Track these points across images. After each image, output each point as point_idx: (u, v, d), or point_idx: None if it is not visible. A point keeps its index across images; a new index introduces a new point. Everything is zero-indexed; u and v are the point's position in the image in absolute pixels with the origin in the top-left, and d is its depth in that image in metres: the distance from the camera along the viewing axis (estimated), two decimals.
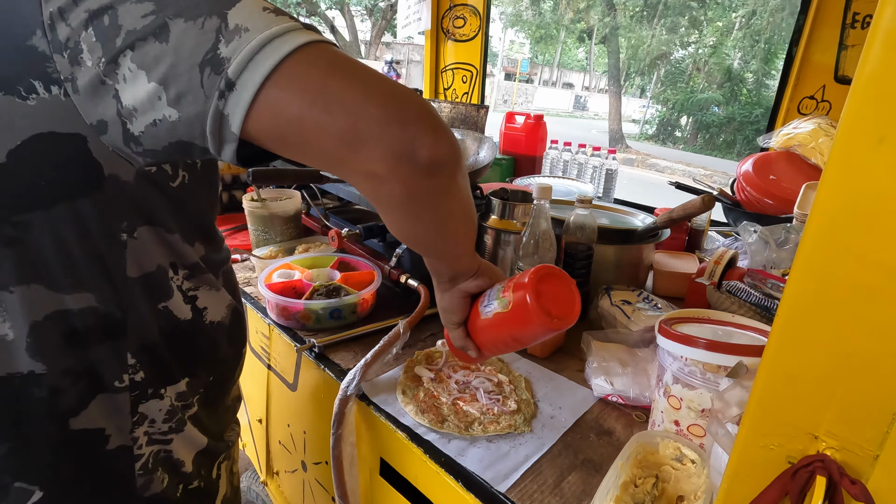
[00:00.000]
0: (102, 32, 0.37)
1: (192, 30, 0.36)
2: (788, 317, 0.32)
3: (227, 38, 0.36)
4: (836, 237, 0.29)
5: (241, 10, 0.37)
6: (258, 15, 0.37)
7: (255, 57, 0.36)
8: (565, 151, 1.84)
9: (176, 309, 0.54)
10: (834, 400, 0.31)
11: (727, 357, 0.59)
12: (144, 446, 0.54)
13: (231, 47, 0.36)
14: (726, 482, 0.38)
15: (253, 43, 0.36)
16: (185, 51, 0.36)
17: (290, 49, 0.36)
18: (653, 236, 1.10)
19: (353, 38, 13.87)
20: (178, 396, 0.57)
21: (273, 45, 0.36)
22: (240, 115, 0.37)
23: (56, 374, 0.48)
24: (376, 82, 0.39)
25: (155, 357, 0.53)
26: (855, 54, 1.41)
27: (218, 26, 0.36)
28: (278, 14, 0.38)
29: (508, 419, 0.71)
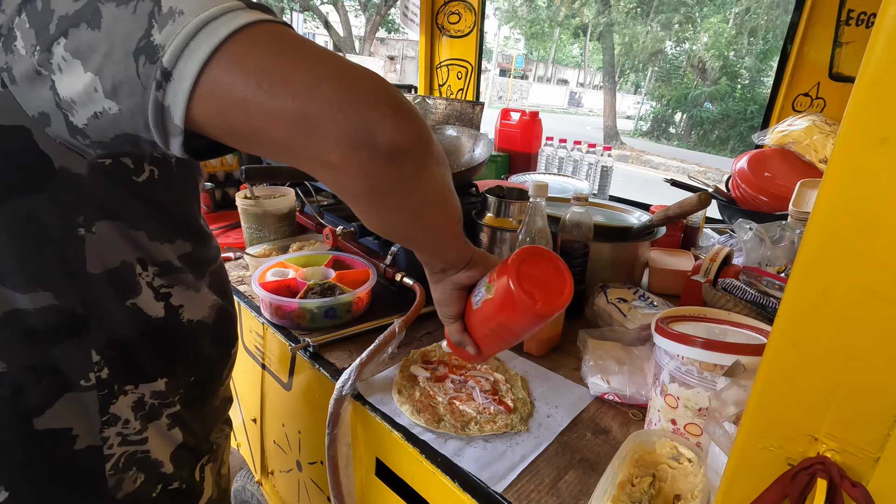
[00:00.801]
0: (35, 18, 0.34)
1: (124, 14, 0.33)
2: (789, 318, 0.32)
3: (160, 22, 0.33)
4: (838, 239, 0.29)
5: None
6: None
7: (191, 43, 0.33)
8: (560, 148, 1.84)
9: (146, 306, 0.52)
10: (834, 402, 0.31)
11: (724, 356, 0.59)
12: (116, 446, 0.53)
13: (165, 33, 0.33)
14: (725, 484, 0.38)
15: (188, 27, 0.33)
16: (118, 38, 0.33)
17: (230, 31, 0.33)
18: (649, 234, 1.10)
19: (347, 33, 13.79)
20: (155, 395, 0.55)
21: (210, 28, 0.33)
22: (181, 105, 0.34)
23: (18, 371, 0.46)
24: (328, 61, 0.35)
25: (124, 354, 0.52)
26: (849, 51, 1.41)
27: (151, 10, 0.33)
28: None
29: (505, 418, 0.70)
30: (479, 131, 1.24)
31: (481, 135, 1.19)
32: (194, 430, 0.61)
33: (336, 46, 14.63)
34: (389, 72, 19.54)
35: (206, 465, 0.65)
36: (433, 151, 0.41)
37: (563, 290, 0.54)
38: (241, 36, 0.34)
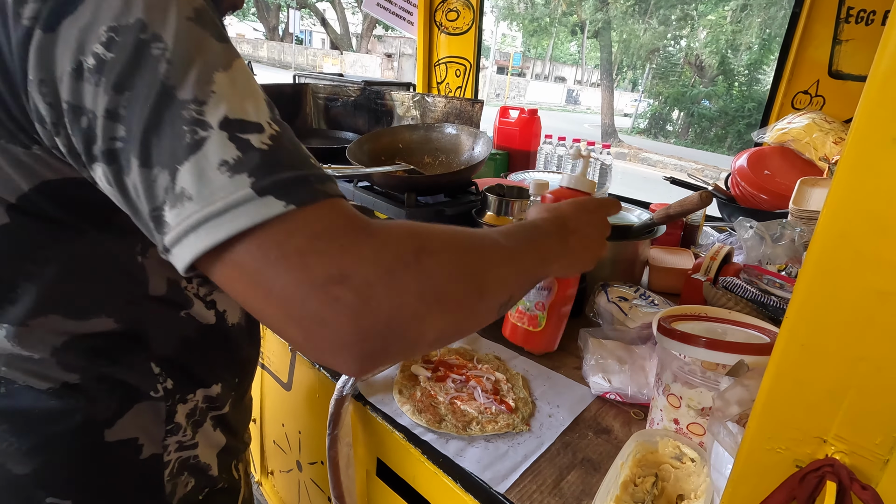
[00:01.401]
0: (80, 133, 0.35)
1: (145, 178, 0.34)
2: (797, 319, 0.31)
3: (171, 202, 0.34)
4: (848, 239, 0.28)
5: (192, 170, 0.33)
6: (207, 178, 0.33)
7: (190, 236, 0.33)
8: (559, 146, 1.83)
9: (199, 315, 0.54)
10: (844, 403, 0.31)
11: (727, 355, 0.59)
12: (173, 453, 0.54)
13: (172, 214, 0.34)
14: (731, 485, 0.38)
15: (191, 220, 0.33)
16: (140, 196, 0.35)
17: (228, 235, 0.33)
18: (649, 232, 1.10)
19: (343, 30, 13.76)
20: (207, 399, 0.57)
21: (211, 226, 0.33)
22: (181, 266, 0.35)
23: (91, 383, 0.48)
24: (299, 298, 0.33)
25: (182, 364, 0.53)
26: (849, 49, 1.41)
27: (167, 185, 0.34)
28: (237, 170, 0.34)
29: (506, 418, 0.70)
30: (479, 129, 1.23)
31: (481, 133, 1.19)
32: (233, 430, 0.62)
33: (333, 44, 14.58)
34: (387, 69, 19.49)
35: (239, 463, 0.66)
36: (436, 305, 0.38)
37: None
38: (237, 244, 0.33)
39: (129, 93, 0.34)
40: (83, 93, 0.34)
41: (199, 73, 0.35)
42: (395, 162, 1.19)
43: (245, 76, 0.38)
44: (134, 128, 0.34)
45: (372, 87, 1.60)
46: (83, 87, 0.34)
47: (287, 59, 20.03)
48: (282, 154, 0.36)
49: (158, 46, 0.34)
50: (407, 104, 1.47)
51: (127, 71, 0.34)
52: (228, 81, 0.36)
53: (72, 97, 0.34)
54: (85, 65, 0.33)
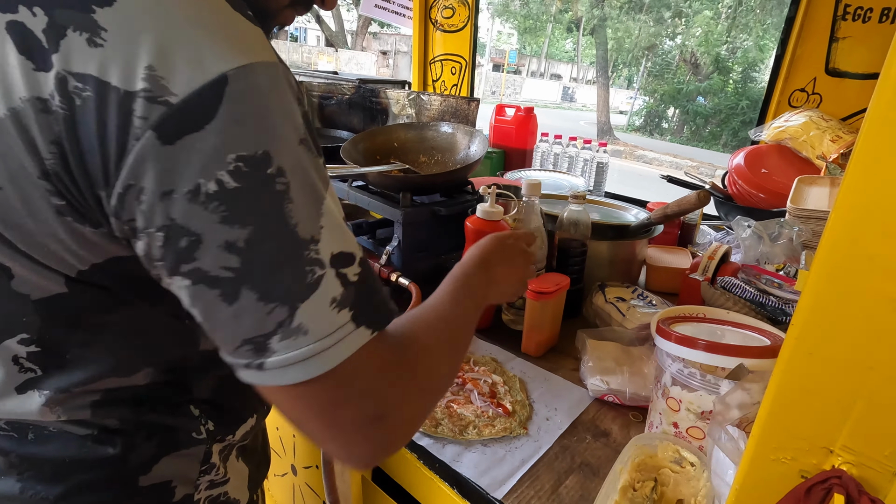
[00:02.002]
0: (172, 250, 0.34)
1: (258, 309, 0.35)
2: (805, 327, 0.30)
3: (284, 334, 0.35)
4: (859, 245, 0.27)
5: (311, 307, 0.35)
6: (323, 315, 0.36)
7: (295, 366, 0.35)
8: (556, 144, 1.82)
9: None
10: (852, 414, 0.30)
11: (727, 358, 0.58)
12: (203, 491, 0.52)
13: (283, 345, 0.35)
14: (734, 495, 0.37)
15: (303, 350, 0.35)
16: (242, 323, 0.35)
17: (329, 367, 0.36)
18: (646, 231, 1.09)
19: (339, 27, 13.68)
20: (244, 436, 0.55)
21: (317, 360, 0.36)
22: (266, 384, 0.37)
23: (130, 428, 0.46)
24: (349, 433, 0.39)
25: (222, 404, 0.52)
26: (846, 46, 1.40)
27: (283, 320, 0.35)
28: (342, 305, 0.37)
29: (503, 422, 0.69)
30: (475, 128, 1.22)
31: (477, 132, 1.18)
32: (254, 455, 0.61)
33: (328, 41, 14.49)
34: (382, 67, 19.41)
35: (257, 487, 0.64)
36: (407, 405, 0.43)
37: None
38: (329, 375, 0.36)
39: (253, 228, 0.34)
40: (194, 216, 0.33)
41: (314, 208, 0.36)
42: (391, 161, 1.17)
43: (333, 194, 0.40)
44: (255, 263, 0.34)
45: (367, 86, 1.58)
46: (196, 210, 0.33)
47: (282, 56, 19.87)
48: (367, 284, 0.39)
49: (282, 182, 0.34)
50: (402, 102, 1.45)
51: (252, 206, 0.34)
52: (329, 209, 0.38)
53: (180, 217, 0.33)
54: (204, 189, 0.32)
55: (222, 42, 0.33)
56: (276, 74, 0.35)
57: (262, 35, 0.36)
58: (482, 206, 0.88)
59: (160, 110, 0.31)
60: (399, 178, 1.02)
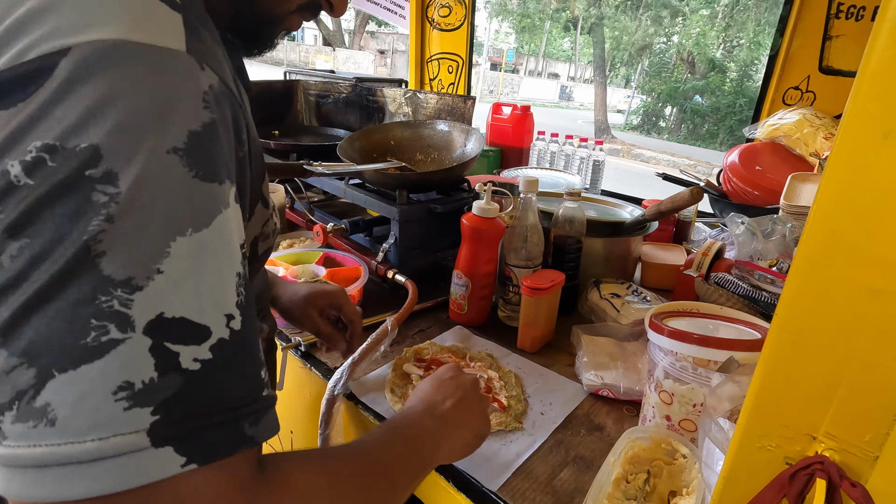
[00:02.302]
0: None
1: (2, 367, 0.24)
2: (787, 317, 0.31)
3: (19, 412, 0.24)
4: (839, 236, 0.28)
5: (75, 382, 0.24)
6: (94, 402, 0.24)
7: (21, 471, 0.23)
8: (552, 143, 1.83)
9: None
10: (834, 401, 0.30)
11: (718, 352, 0.59)
12: None
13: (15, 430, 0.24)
14: (721, 483, 0.38)
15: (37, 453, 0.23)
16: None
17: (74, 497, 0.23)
18: (641, 228, 1.09)
19: (336, 27, 13.67)
20: None
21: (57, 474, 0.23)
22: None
23: None
24: None
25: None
26: (839, 45, 1.42)
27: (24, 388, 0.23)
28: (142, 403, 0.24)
29: (499, 416, 0.70)
30: (471, 126, 1.23)
31: (473, 129, 1.18)
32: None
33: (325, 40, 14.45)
34: (380, 66, 19.39)
35: None
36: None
37: None
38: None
39: (27, 241, 0.24)
40: None
41: (156, 241, 0.25)
42: (387, 159, 1.18)
43: (223, 242, 0.28)
44: (12, 291, 0.24)
45: (363, 84, 1.58)
46: None
47: (279, 55, 19.88)
48: (218, 381, 0.27)
49: (107, 191, 0.24)
50: (399, 101, 1.46)
51: (37, 210, 0.24)
52: (192, 252, 0.26)
53: None
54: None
55: (94, 14, 0.26)
56: (163, 61, 0.27)
57: (178, 20, 0.29)
58: (478, 203, 0.88)
59: None
60: (395, 175, 1.03)
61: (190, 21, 0.30)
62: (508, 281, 0.92)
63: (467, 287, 0.91)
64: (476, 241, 0.89)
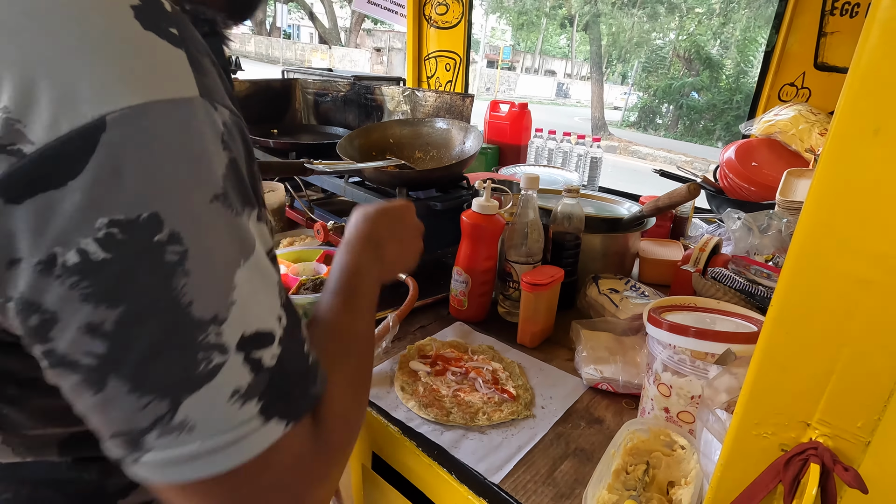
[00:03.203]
0: (26, 325, 0.28)
1: (129, 402, 0.29)
2: (782, 307, 0.32)
3: (162, 430, 0.29)
4: (831, 229, 0.29)
5: (202, 399, 0.29)
6: (218, 409, 0.30)
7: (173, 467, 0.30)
8: (550, 140, 1.84)
9: None
10: (827, 389, 0.32)
11: (715, 344, 0.60)
12: None
13: (161, 442, 0.29)
14: (719, 470, 0.39)
15: (186, 449, 0.29)
16: (110, 414, 0.29)
17: (225, 468, 0.30)
18: (639, 224, 1.11)
19: (332, 24, 13.63)
20: None
21: (207, 460, 0.30)
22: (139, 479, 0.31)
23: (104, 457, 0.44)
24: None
25: None
26: (834, 41, 1.43)
27: (162, 415, 0.29)
28: (249, 397, 0.31)
29: (510, 406, 0.71)
30: (470, 124, 1.24)
31: (471, 127, 1.19)
32: None
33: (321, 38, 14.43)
34: (376, 64, 19.35)
35: None
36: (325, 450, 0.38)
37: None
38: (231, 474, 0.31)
39: (125, 308, 0.27)
40: (47, 291, 0.27)
41: (222, 280, 0.30)
42: (386, 157, 1.18)
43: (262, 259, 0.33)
44: (127, 350, 0.28)
45: (362, 82, 1.59)
46: (49, 285, 0.27)
47: (275, 53, 19.82)
48: (288, 366, 0.34)
49: (175, 251, 0.28)
50: (397, 99, 1.46)
51: (127, 281, 0.27)
52: (248, 277, 0.32)
53: (29, 292, 0.27)
54: (61, 260, 0.26)
55: (111, 75, 0.27)
56: (187, 114, 0.29)
57: (183, 60, 0.30)
58: (478, 200, 0.89)
59: (8, 162, 0.25)
60: (395, 173, 1.04)
61: (192, 55, 0.31)
62: (508, 277, 0.93)
63: (467, 283, 0.92)
64: (476, 238, 0.90)
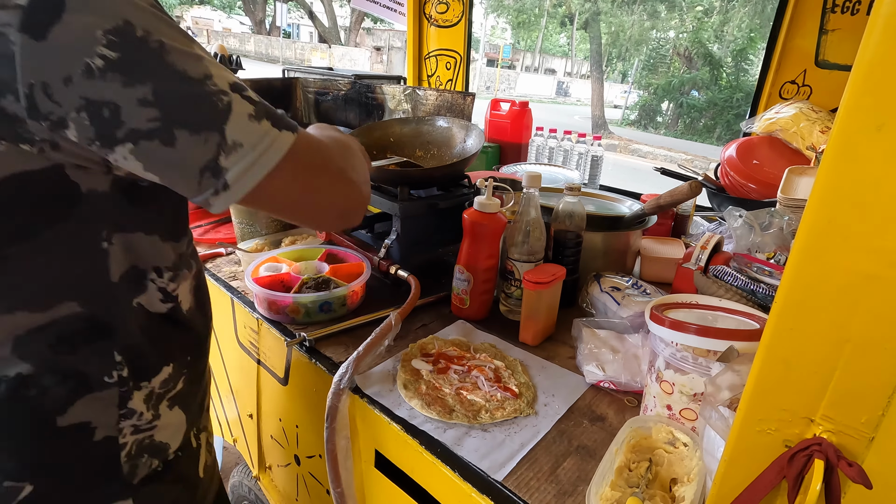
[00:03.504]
0: (100, 122, 0.40)
1: (196, 141, 0.43)
2: (786, 303, 0.32)
3: (226, 152, 0.44)
4: (834, 224, 0.29)
5: (234, 125, 0.44)
6: (247, 128, 0.45)
7: (249, 171, 0.45)
8: (551, 138, 1.84)
9: (150, 305, 0.57)
10: (830, 385, 0.32)
11: (718, 342, 0.60)
12: (129, 435, 0.56)
13: (231, 160, 0.44)
14: (723, 466, 0.39)
15: (248, 158, 0.45)
16: (190, 158, 0.43)
17: (276, 162, 0.46)
18: (640, 223, 1.11)
19: (331, 23, 13.61)
20: (162, 384, 0.59)
21: (263, 160, 0.45)
22: (223, 206, 0.46)
23: (44, 374, 0.49)
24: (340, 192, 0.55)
25: (139, 352, 0.55)
26: (835, 39, 1.43)
27: (219, 141, 0.43)
28: (259, 118, 0.46)
29: (513, 404, 0.71)
30: (471, 122, 1.24)
31: (472, 125, 1.19)
32: (190, 404, 0.65)
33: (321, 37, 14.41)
34: (376, 62, 19.34)
35: (198, 433, 0.68)
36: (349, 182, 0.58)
37: None
38: (282, 166, 0.47)
39: (153, 83, 0.40)
40: (100, 89, 0.39)
41: (191, 55, 0.43)
42: (387, 156, 1.18)
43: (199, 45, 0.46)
44: (171, 107, 0.41)
45: (362, 81, 1.59)
46: (99, 84, 0.39)
47: (275, 53, 19.81)
48: (265, 101, 0.48)
49: (154, 40, 0.41)
50: (398, 98, 1.46)
51: (140, 66, 0.40)
52: (202, 53, 0.44)
53: (91, 94, 0.39)
54: (94, 65, 0.38)
55: None
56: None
57: None
58: (479, 198, 0.89)
59: (17, 14, 0.37)
60: (397, 171, 1.04)
61: None
62: (510, 275, 0.93)
63: (469, 282, 0.92)
64: (477, 237, 0.90)
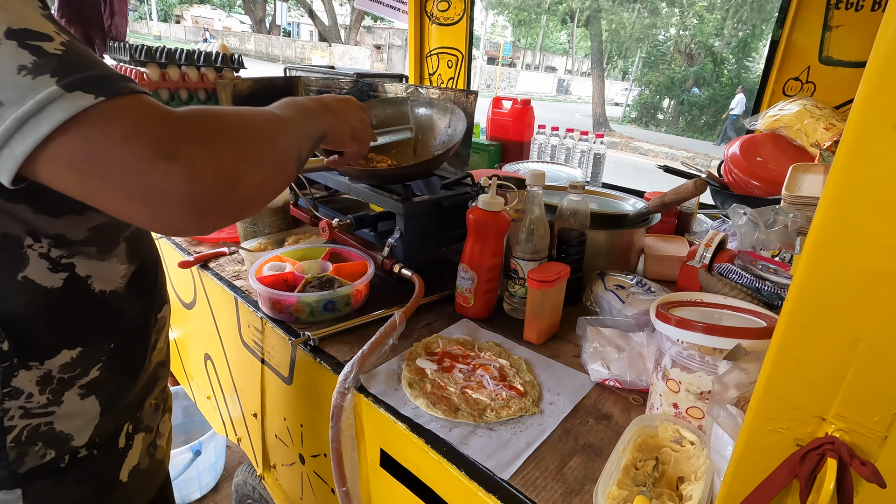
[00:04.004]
0: None
1: None
2: (798, 301, 0.32)
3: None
4: (848, 222, 0.29)
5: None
6: (12, 82, 0.37)
7: (10, 142, 0.37)
8: (553, 136, 1.84)
9: (38, 278, 0.52)
10: (843, 383, 0.31)
11: (725, 340, 0.60)
12: (18, 419, 0.52)
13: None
14: (733, 465, 0.39)
15: (7, 124, 0.36)
16: None
17: (47, 131, 0.37)
18: (644, 221, 1.10)
19: (332, 22, 13.60)
20: (64, 368, 0.55)
21: (28, 127, 0.37)
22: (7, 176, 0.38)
23: None
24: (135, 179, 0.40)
25: (22, 329, 0.51)
26: (839, 35, 1.42)
27: None
28: (36, 72, 0.37)
29: (518, 402, 0.71)
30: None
31: (451, 107, 1.18)
32: (115, 397, 0.61)
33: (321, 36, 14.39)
34: (376, 61, 19.32)
35: (133, 433, 0.64)
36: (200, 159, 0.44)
37: None
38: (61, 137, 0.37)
39: None
40: None
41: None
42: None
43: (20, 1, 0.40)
44: None
45: (364, 80, 1.59)
46: None
47: (275, 51, 19.79)
48: (78, 58, 0.39)
49: None
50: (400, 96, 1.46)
51: None
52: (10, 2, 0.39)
53: None
54: None
55: None
56: None
57: None
58: (483, 197, 0.89)
59: None
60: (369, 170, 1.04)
61: None
62: (514, 274, 0.93)
63: (473, 280, 0.92)
64: (481, 235, 0.90)
